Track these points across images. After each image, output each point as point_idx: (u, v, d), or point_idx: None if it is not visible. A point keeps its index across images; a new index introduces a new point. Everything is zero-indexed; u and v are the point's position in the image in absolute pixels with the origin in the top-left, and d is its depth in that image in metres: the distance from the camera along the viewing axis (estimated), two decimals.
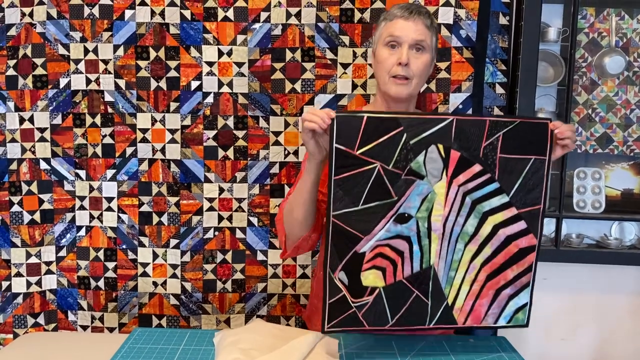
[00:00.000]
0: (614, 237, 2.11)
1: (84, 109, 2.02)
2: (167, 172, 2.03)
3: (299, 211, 1.47)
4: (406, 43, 1.48)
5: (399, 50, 1.49)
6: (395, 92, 1.51)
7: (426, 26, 1.51)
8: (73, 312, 2.11)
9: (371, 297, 1.35)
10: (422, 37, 1.50)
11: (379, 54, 1.53)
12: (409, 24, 1.49)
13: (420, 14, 1.52)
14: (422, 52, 1.51)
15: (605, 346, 2.16)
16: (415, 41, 1.49)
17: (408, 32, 1.49)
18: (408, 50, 1.48)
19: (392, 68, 1.50)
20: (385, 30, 1.53)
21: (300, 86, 1.97)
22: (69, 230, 2.08)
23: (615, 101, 2.06)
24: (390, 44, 1.50)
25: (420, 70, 1.51)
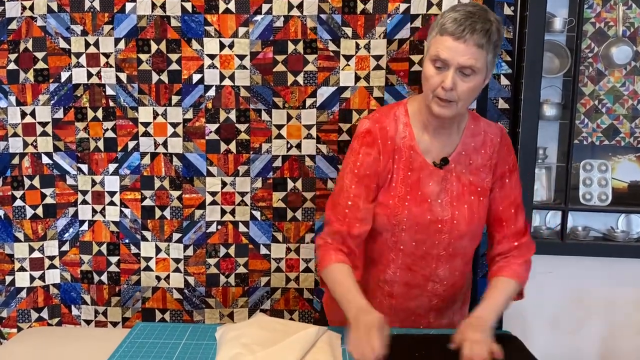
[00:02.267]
0: (621, 229, 2.08)
1: (86, 102, 2.01)
2: (170, 166, 2.02)
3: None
4: (453, 67, 1.34)
5: (444, 72, 1.35)
6: (437, 112, 1.40)
7: (479, 46, 1.33)
8: (76, 307, 2.11)
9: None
10: (471, 62, 1.33)
11: (425, 68, 1.39)
12: (458, 46, 1.32)
13: (475, 31, 1.32)
14: (470, 76, 1.36)
15: (612, 339, 2.15)
16: (462, 66, 1.34)
17: (455, 56, 1.33)
18: (454, 74, 1.34)
19: (436, 88, 1.37)
20: (434, 45, 1.37)
21: (303, 78, 1.95)
22: (72, 225, 2.07)
23: (622, 92, 2.03)
24: (436, 64, 1.37)
25: (466, 94, 1.38)
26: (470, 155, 1.50)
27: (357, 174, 1.48)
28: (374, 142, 1.48)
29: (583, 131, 2.05)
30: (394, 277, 1.55)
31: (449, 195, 1.48)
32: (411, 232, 1.49)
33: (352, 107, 1.96)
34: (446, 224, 1.48)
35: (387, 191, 1.49)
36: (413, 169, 1.48)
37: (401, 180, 1.48)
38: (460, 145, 1.50)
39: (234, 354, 1.31)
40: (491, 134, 1.53)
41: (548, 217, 2.11)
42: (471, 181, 1.50)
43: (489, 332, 1.33)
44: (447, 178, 1.49)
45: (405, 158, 1.48)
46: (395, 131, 1.49)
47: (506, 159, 1.53)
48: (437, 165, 1.48)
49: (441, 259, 1.52)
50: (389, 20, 1.91)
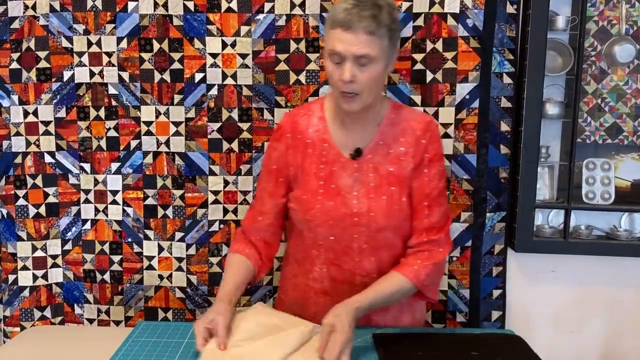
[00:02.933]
0: (624, 228, 2.08)
1: (88, 102, 2.01)
2: (172, 165, 2.02)
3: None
4: (348, 58, 1.31)
5: (342, 65, 1.33)
6: (346, 108, 1.39)
7: (369, 33, 1.30)
8: (79, 306, 2.11)
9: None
10: (364, 50, 1.30)
11: (326, 65, 1.38)
12: (349, 37, 1.30)
13: (362, 19, 1.29)
14: (368, 65, 1.33)
15: (615, 339, 2.14)
16: (357, 56, 1.31)
17: (348, 47, 1.30)
18: (352, 66, 1.32)
19: (337, 83, 1.35)
20: (328, 40, 1.35)
21: (305, 77, 1.95)
22: (75, 224, 2.08)
23: (625, 90, 2.03)
24: (333, 59, 1.34)
25: (367, 84, 1.35)
26: (390, 145, 1.46)
27: (265, 169, 1.55)
28: (281, 137, 1.51)
29: (586, 130, 2.04)
30: (321, 274, 1.53)
31: (365, 187, 1.44)
32: (326, 227, 1.46)
33: None
34: (363, 217, 1.44)
35: (302, 186, 1.48)
36: (326, 162, 1.46)
37: (314, 174, 1.47)
38: (377, 135, 1.46)
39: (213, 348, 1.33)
40: (412, 121, 1.47)
41: (551, 216, 2.10)
42: (391, 171, 1.45)
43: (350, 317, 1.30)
44: (362, 169, 1.45)
45: (318, 151, 1.47)
46: (308, 125, 1.49)
47: (426, 149, 1.46)
48: (351, 156, 1.45)
49: (364, 252, 1.47)
50: None
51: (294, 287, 1.61)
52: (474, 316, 2.04)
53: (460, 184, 1.97)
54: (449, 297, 2.03)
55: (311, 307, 1.56)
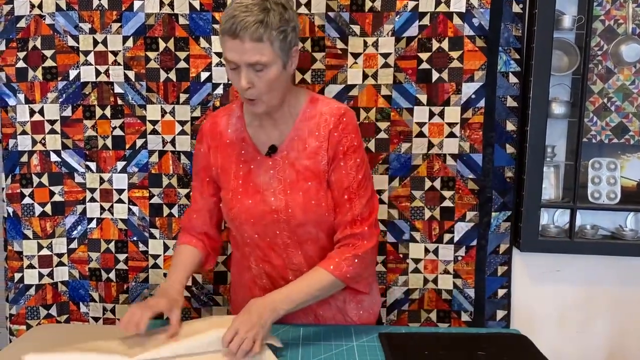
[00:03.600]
0: (630, 228, 2.07)
1: (94, 100, 2.01)
2: (177, 163, 2.02)
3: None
4: (242, 66, 1.31)
5: (238, 71, 1.32)
6: (251, 110, 1.41)
7: (257, 40, 1.28)
8: (85, 304, 2.12)
9: None
10: (255, 58, 1.29)
11: (227, 73, 1.39)
12: (238, 45, 1.28)
13: (247, 26, 1.26)
14: (264, 70, 1.32)
15: (620, 339, 2.14)
16: (249, 63, 1.30)
17: (238, 55, 1.29)
18: (247, 72, 1.31)
19: (238, 89, 1.36)
20: (222, 47, 1.34)
21: (311, 77, 1.95)
22: (80, 222, 2.08)
23: (631, 90, 2.02)
24: (230, 66, 1.34)
25: (265, 88, 1.34)
26: (305, 140, 1.44)
27: (193, 169, 1.60)
28: (202, 138, 1.54)
29: (592, 129, 2.04)
30: (259, 271, 1.54)
31: (282, 184, 1.44)
32: (249, 225, 1.47)
33: (359, 105, 1.96)
34: (281, 213, 1.44)
35: (224, 185, 1.51)
36: (245, 161, 1.48)
37: (234, 173, 1.49)
38: (292, 131, 1.45)
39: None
40: (327, 114, 1.44)
41: (556, 215, 2.10)
42: (307, 166, 1.43)
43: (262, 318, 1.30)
44: (277, 166, 1.45)
45: (237, 150, 1.49)
46: (227, 125, 1.51)
47: (340, 142, 1.43)
48: (266, 154, 1.46)
49: (289, 247, 1.48)
50: (397, 18, 1.91)
51: (241, 286, 1.63)
52: (479, 315, 2.04)
53: (466, 183, 1.97)
54: (454, 296, 2.03)
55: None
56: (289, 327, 1.50)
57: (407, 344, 1.38)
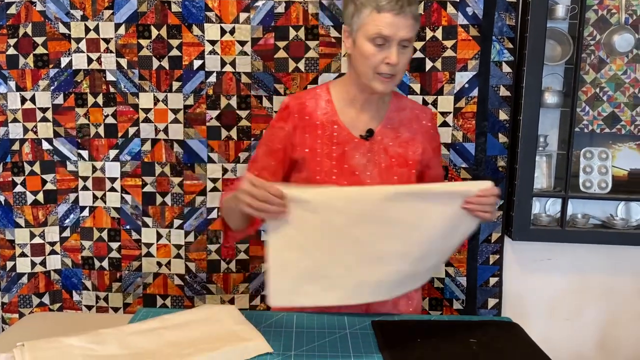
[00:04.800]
0: (620, 217, 2.09)
1: (86, 88, 2.00)
2: (170, 152, 2.02)
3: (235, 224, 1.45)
4: (395, 41, 1.34)
5: (386, 49, 1.35)
6: (382, 89, 1.40)
7: (415, 18, 1.36)
8: (78, 292, 2.11)
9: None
10: (411, 34, 1.35)
11: (363, 48, 1.37)
12: (399, 21, 1.33)
13: (411, 4, 1.34)
14: (408, 47, 1.38)
15: (610, 327, 2.16)
16: (403, 39, 1.35)
17: (397, 31, 1.33)
18: (396, 48, 1.35)
19: (378, 66, 1.37)
20: (372, 22, 1.35)
21: (304, 65, 1.95)
22: (73, 211, 2.07)
23: (623, 80, 2.03)
24: (376, 42, 1.35)
25: (405, 66, 1.40)
26: (398, 129, 1.50)
27: (268, 147, 1.50)
28: (289, 116, 1.48)
29: (584, 119, 2.05)
30: None
31: (377, 168, 1.47)
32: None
33: None
34: None
35: (312, 168, 1.47)
36: (338, 143, 1.47)
37: (326, 154, 1.47)
38: (386, 119, 1.49)
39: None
40: (417, 110, 1.55)
41: (548, 204, 2.11)
42: (399, 153, 1.49)
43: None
44: (373, 150, 1.48)
45: (328, 133, 1.47)
46: (316, 107, 1.48)
47: (435, 138, 1.57)
48: (362, 137, 1.47)
49: None
50: None
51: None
52: (471, 303, 2.06)
53: (459, 172, 1.98)
54: (446, 284, 2.04)
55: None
56: (284, 314, 1.50)
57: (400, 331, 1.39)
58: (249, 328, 1.38)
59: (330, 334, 1.40)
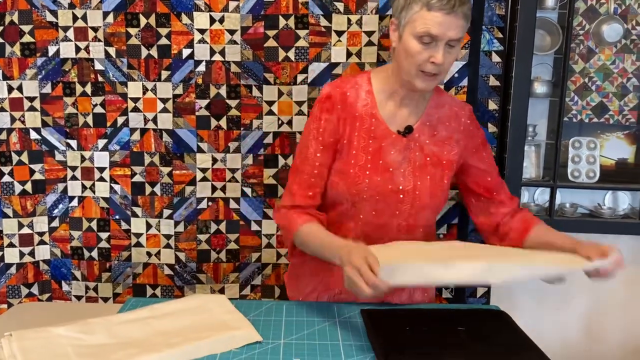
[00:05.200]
0: (608, 206, 2.11)
1: (74, 77, 1.98)
2: (160, 142, 2.01)
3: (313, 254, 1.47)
4: (443, 41, 1.32)
5: (433, 47, 1.33)
6: (423, 87, 1.39)
7: (466, 18, 1.34)
8: (67, 283, 2.11)
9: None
10: (460, 34, 1.33)
11: (409, 45, 1.34)
12: (449, 21, 1.30)
13: (463, 4, 1.32)
14: (455, 47, 1.36)
15: (597, 316, 2.19)
16: (452, 39, 1.33)
17: (447, 31, 1.31)
18: (443, 47, 1.33)
19: (423, 64, 1.35)
20: (421, 20, 1.31)
21: (294, 54, 1.94)
22: (61, 201, 2.06)
23: (612, 70, 2.04)
24: (423, 40, 1.32)
25: (450, 65, 1.39)
26: (435, 127, 1.49)
27: (321, 142, 1.47)
28: (333, 108, 1.46)
29: (573, 109, 2.06)
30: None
31: (412, 165, 1.46)
32: (372, 202, 1.46)
33: None
34: (408, 195, 1.46)
35: (347, 159, 1.46)
36: (375, 137, 1.46)
37: (362, 148, 1.45)
38: (424, 116, 1.48)
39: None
40: (456, 107, 1.53)
41: (537, 194, 2.12)
42: (434, 152, 1.48)
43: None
44: (410, 147, 1.46)
45: (366, 126, 1.46)
46: (357, 98, 1.46)
47: (476, 133, 1.56)
48: (400, 133, 1.46)
49: (401, 230, 1.50)
50: None
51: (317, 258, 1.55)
52: (460, 292, 2.07)
53: None
54: None
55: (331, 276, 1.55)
56: (273, 303, 1.51)
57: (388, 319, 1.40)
58: (238, 317, 1.39)
59: (319, 323, 1.41)
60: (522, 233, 1.53)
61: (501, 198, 1.57)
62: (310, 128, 1.49)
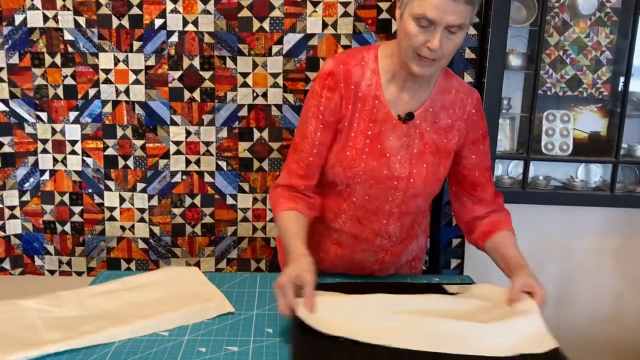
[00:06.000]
0: (580, 179, 2.14)
1: (42, 48, 1.93)
2: (132, 114, 1.98)
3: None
4: (441, 26, 1.22)
5: (430, 31, 1.23)
6: (419, 72, 1.29)
7: (469, 3, 1.22)
8: (40, 257, 2.08)
9: None
10: (460, 20, 1.22)
11: (407, 26, 1.25)
12: (448, 5, 1.20)
13: None
14: (457, 33, 1.25)
15: (568, 285, 2.23)
16: (450, 25, 1.22)
17: (445, 16, 1.20)
18: (441, 32, 1.22)
19: (419, 47, 1.25)
20: (419, 2, 1.22)
21: (269, 25, 1.91)
22: (32, 174, 2.03)
23: (586, 43, 2.05)
24: (420, 22, 1.23)
25: (451, 52, 1.28)
26: (438, 114, 1.41)
27: (322, 120, 1.40)
28: (336, 86, 1.38)
29: (547, 82, 2.07)
30: (342, 227, 1.50)
31: (409, 152, 1.40)
32: (365, 186, 1.42)
33: (319, 55, 1.93)
34: (402, 182, 1.41)
35: (345, 141, 1.41)
36: (376, 121, 1.39)
37: (361, 131, 1.39)
38: (428, 102, 1.40)
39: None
40: (463, 94, 1.43)
41: (511, 166, 2.14)
42: (434, 140, 1.41)
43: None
44: (409, 134, 1.40)
45: (368, 107, 1.38)
46: (362, 77, 1.38)
47: (480, 125, 1.46)
48: (401, 119, 1.39)
49: (393, 216, 1.47)
50: None
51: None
52: (434, 264, 2.09)
53: None
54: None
55: (319, 253, 1.54)
56: (247, 275, 1.51)
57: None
58: (211, 289, 1.38)
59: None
60: (485, 235, 1.50)
61: (483, 196, 1.51)
62: (310, 105, 1.42)
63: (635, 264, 2.21)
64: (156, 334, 1.19)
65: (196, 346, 1.16)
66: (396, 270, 1.62)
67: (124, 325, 1.18)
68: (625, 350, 2.26)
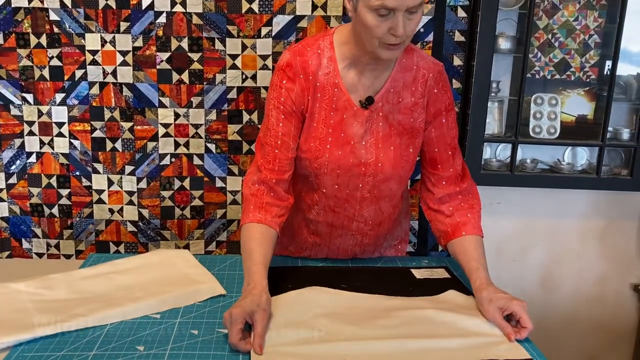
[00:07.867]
0: (567, 162, 2.16)
1: (28, 28, 1.90)
2: (120, 96, 1.96)
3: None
4: (401, 11, 1.19)
5: (391, 18, 1.20)
6: (387, 57, 1.28)
7: None
8: (27, 240, 2.07)
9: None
10: (418, 1, 1.20)
11: (366, 19, 1.22)
12: None
13: None
14: (416, 13, 1.23)
15: (552, 266, 2.26)
16: (411, 7, 1.20)
17: (404, 1, 1.18)
18: (402, 17, 1.20)
19: (383, 36, 1.23)
20: None
21: (258, 6, 1.89)
22: (19, 157, 2.01)
23: (574, 26, 2.05)
24: (380, 12, 1.20)
25: (413, 31, 1.26)
26: (400, 93, 1.38)
27: (283, 111, 1.37)
28: (295, 77, 1.36)
29: (536, 65, 2.08)
30: (317, 217, 1.50)
31: (374, 137, 1.39)
32: (333, 175, 1.41)
33: None
34: (370, 167, 1.40)
35: (308, 132, 1.39)
36: (336, 109, 1.37)
37: (323, 120, 1.37)
38: (388, 82, 1.37)
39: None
40: (424, 69, 1.39)
41: (499, 149, 2.16)
42: (399, 120, 1.39)
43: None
44: (372, 118, 1.38)
45: (328, 97, 1.36)
46: (318, 66, 1.35)
47: (441, 98, 1.42)
48: (362, 105, 1.37)
49: (365, 201, 1.46)
50: None
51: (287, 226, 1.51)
52: (422, 246, 2.11)
53: None
54: None
55: (299, 242, 1.57)
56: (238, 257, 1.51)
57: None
58: (202, 271, 1.39)
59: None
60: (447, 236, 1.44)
61: (444, 174, 1.45)
62: (271, 97, 1.40)
63: (619, 246, 2.25)
64: (148, 316, 1.20)
65: (188, 329, 1.16)
66: (380, 253, 1.63)
67: (115, 308, 1.18)
68: (609, 331, 2.31)
